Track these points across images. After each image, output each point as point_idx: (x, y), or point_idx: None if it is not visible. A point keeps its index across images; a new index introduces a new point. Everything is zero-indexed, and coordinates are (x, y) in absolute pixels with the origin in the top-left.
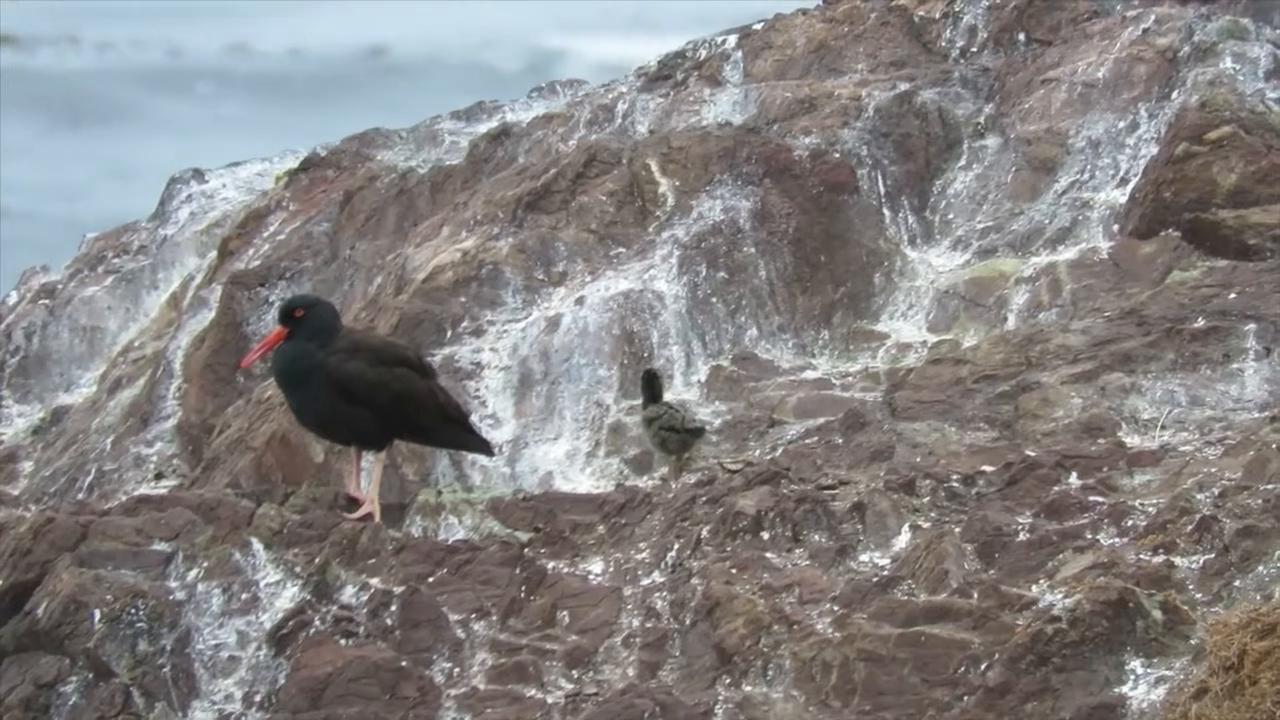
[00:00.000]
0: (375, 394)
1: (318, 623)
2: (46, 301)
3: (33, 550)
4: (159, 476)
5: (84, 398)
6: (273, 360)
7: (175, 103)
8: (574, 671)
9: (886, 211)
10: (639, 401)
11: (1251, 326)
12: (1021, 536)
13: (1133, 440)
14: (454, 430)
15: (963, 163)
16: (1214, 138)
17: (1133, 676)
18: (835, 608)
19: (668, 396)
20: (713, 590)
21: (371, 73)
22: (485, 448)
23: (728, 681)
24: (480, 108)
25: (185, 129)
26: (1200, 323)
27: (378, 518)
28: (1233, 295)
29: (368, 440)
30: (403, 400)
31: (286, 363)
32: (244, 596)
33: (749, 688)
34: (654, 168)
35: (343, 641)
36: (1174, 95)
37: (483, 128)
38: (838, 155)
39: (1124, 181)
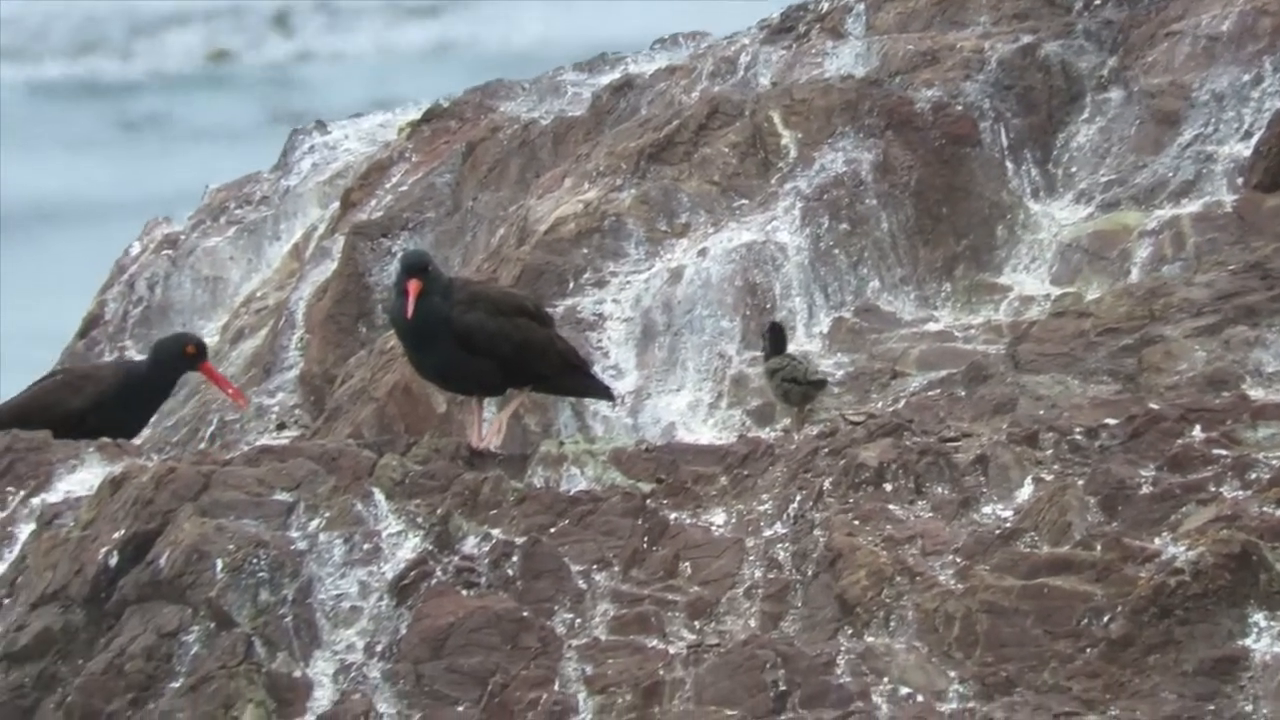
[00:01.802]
0: (497, 344)
1: (439, 573)
2: (169, 252)
3: (155, 500)
4: (281, 427)
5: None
6: (397, 316)
7: None
8: (696, 622)
9: (1009, 164)
10: (760, 353)
11: None
12: (1144, 489)
13: (1256, 393)
14: (576, 377)
15: (1086, 116)
16: None
17: (1255, 629)
18: (958, 559)
19: (790, 348)
20: (835, 542)
21: None
22: (606, 393)
23: (850, 633)
24: (603, 59)
25: None
26: None
27: (474, 443)
28: None
29: (490, 390)
30: (524, 349)
31: (419, 317)
32: (366, 547)
33: (871, 639)
34: (776, 120)
35: (464, 592)
36: None
37: (605, 79)
38: (960, 108)
39: (1248, 135)
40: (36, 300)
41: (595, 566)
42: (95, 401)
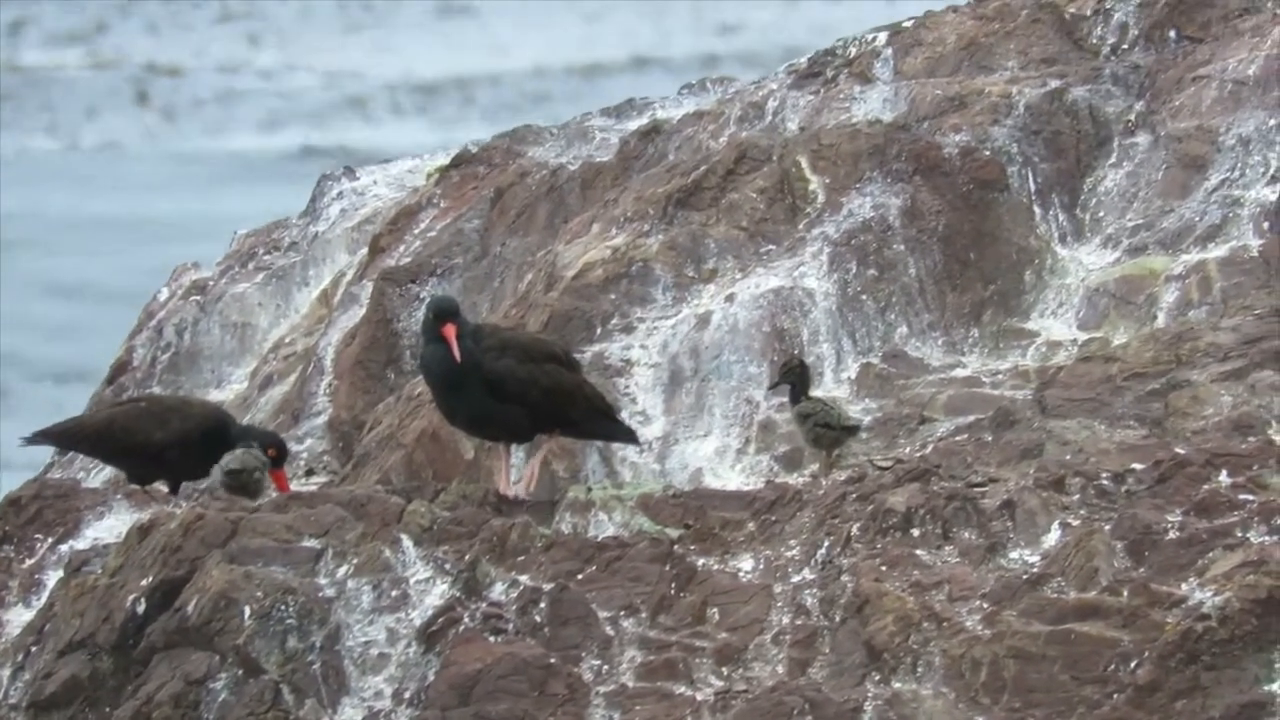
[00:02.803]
0: (526, 390)
1: (467, 620)
2: (198, 298)
3: (183, 547)
4: (309, 473)
5: (235, 394)
6: (428, 363)
7: None
8: (724, 668)
9: (1037, 209)
10: (776, 387)
11: None
12: (1171, 534)
13: None
14: (603, 422)
15: (1113, 160)
16: None
17: None
18: (985, 605)
19: (815, 393)
20: (862, 587)
21: None
22: (632, 437)
23: (877, 678)
24: (630, 105)
25: None
26: None
27: (503, 489)
28: None
29: (519, 435)
30: (553, 395)
31: (446, 365)
32: (394, 593)
33: (898, 685)
34: (804, 164)
35: (492, 638)
36: None
37: (633, 124)
38: (988, 153)
39: (1274, 179)
40: None
41: (623, 613)
42: (179, 438)
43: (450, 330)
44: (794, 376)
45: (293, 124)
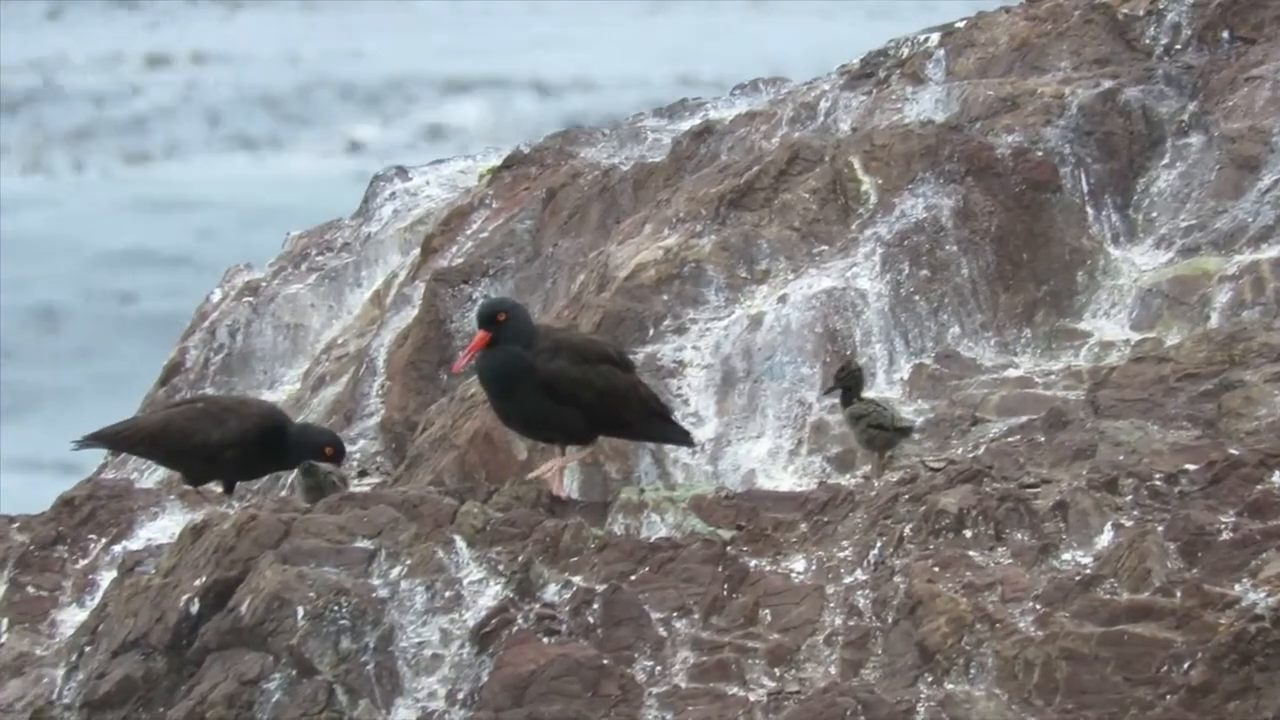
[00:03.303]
0: (580, 392)
1: (520, 621)
2: (250, 299)
3: (236, 547)
4: (362, 474)
5: (287, 395)
6: (481, 366)
7: None
8: (776, 669)
9: (1089, 210)
10: (830, 391)
11: None
12: (1224, 535)
13: None
14: (658, 424)
15: (1166, 161)
16: None
17: None
18: (1037, 606)
19: (868, 394)
20: (915, 588)
21: None
22: (687, 439)
23: (930, 680)
24: (683, 105)
25: None
26: None
27: (555, 490)
28: None
29: (576, 437)
30: (608, 397)
31: (497, 368)
32: (447, 594)
33: (951, 686)
34: (856, 165)
35: (545, 639)
36: None
37: (685, 125)
38: (1040, 153)
39: None
40: None
41: (675, 614)
42: (237, 439)
43: (478, 338)
44: (849, 380)
45: None
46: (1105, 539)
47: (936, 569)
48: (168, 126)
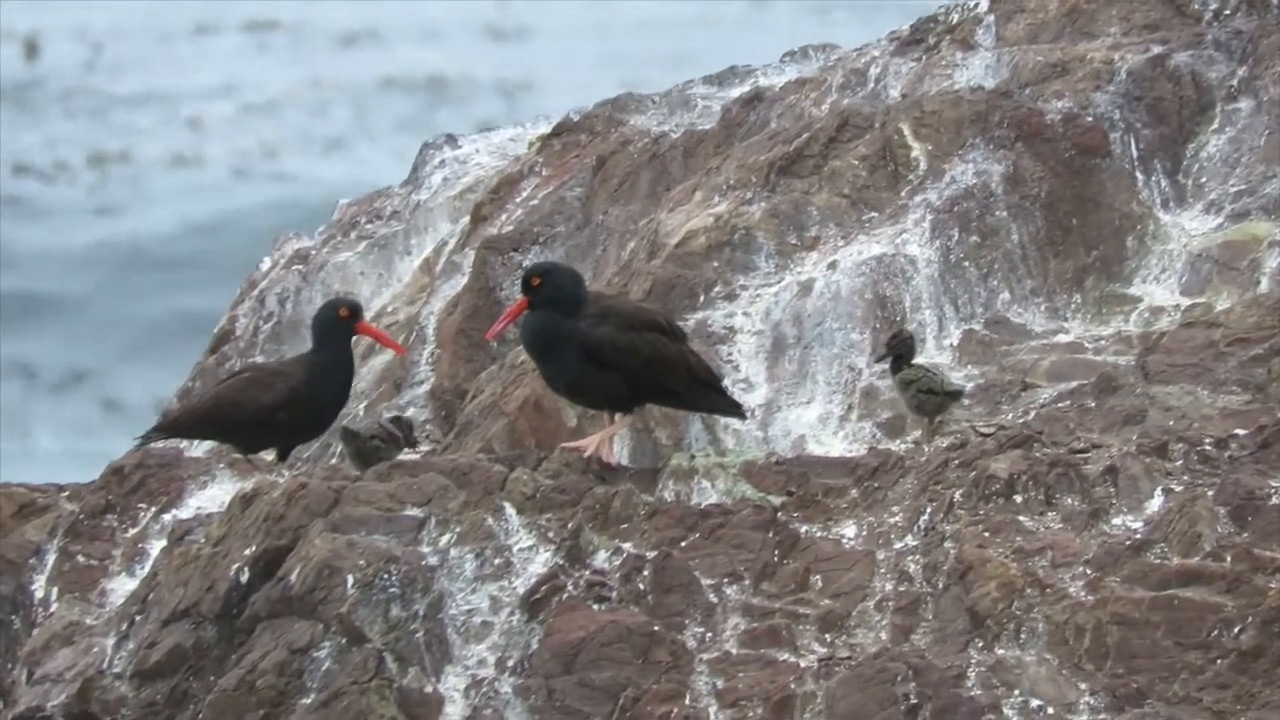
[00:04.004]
0: (625, 359)
1: (570, 588)
2: (300, 267)
3: (286, 516)
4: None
5: None
6: (520, 331)
7: None
8: (827, 635)
9: (1139, 175)
10: (880, 359)
11: None
12: (1274, 500)
13: None
14: (706, 393)
15: (1215, 126)
16: None
17: None
18: (1088, 571)
19: (918, 360)
20: (965, 554)
21: None
22: (737, 410)
23: (980, 645)
24: (733, 72)
25: None
26: None
27: (605, 457)
28: None
29: (619, 404)
30: (653, 365)
31: (532, 333)
32: (497, 562)
33: (1001, 651)
34: (906, 132)
35: (595, 606)
36: None
37: (735, 92)
38: (1090, 119)
39: None
40: None
41: (726, 580)
42: (288, 397)
43: (517, 304)
44: (901, 348)
45: None
46: (1155, 504)
47: (987, 534)
48: None
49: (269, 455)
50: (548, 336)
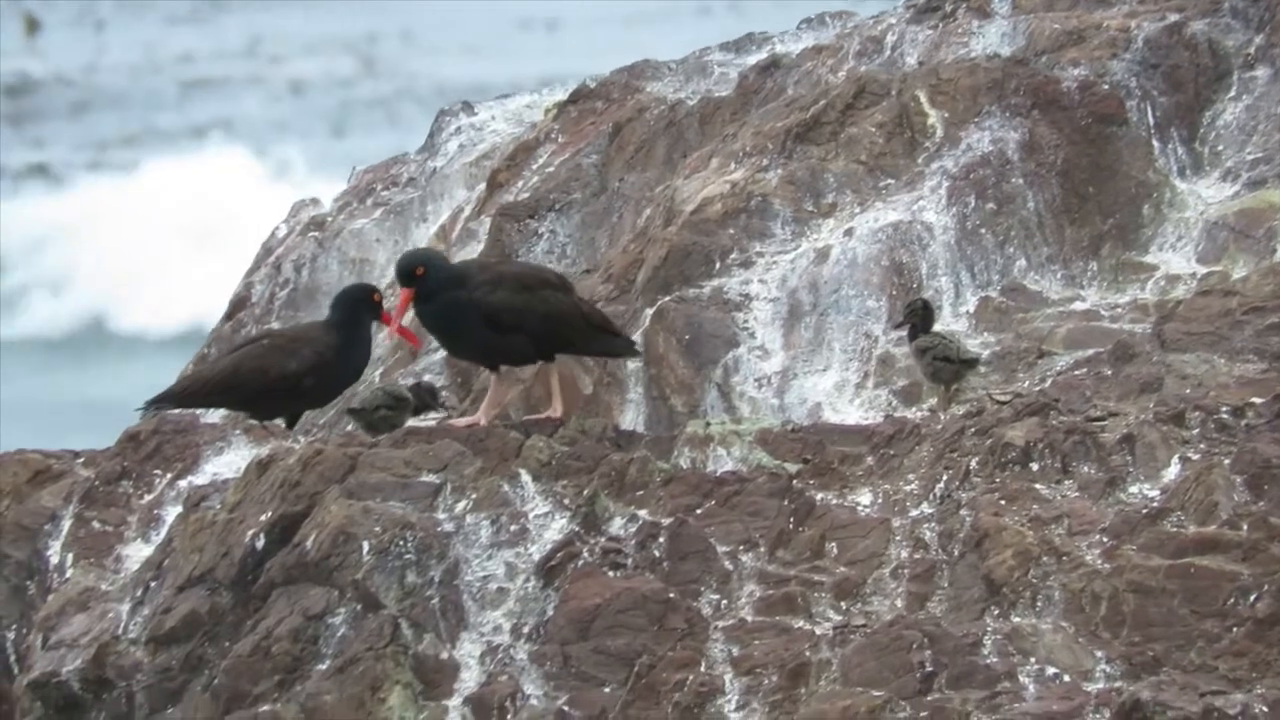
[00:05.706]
0: (525, 319)
1: (586, 554)
2: (316, 234)
3: (301, 482)
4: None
5: None
6: (425, 321)
7: None
8: (842, 603)
9: (1155, 143)
10: (898, 327)
11: None
12: None
13: None
14: (603, 338)
15: (1232, 94)
16: None
17: None
18: (1104, 539)
19: (934, 327)
20: (981, 522)
21: None
22: (631, 349)
23: (996, 613)
24: (749, 39)
25: None
26: None
27: (557, 414)
28: None
29: (525, 361)
30: (552, 320)
31: (442, 318)
32: (512, 528)
33: (1017, 619)
34: (923, 99)
35: (611, 573)
36: None
37: (752, 59)
38: (1106, 87)
39: None
40: None
41: (741, 547)
42: (313, 363)
43: (403, 296)
44: (917, 316)
45: None
46: (1172, 472)
47: (1003, 502)
48: None
49: (283, 421)
50: (450, 314)
